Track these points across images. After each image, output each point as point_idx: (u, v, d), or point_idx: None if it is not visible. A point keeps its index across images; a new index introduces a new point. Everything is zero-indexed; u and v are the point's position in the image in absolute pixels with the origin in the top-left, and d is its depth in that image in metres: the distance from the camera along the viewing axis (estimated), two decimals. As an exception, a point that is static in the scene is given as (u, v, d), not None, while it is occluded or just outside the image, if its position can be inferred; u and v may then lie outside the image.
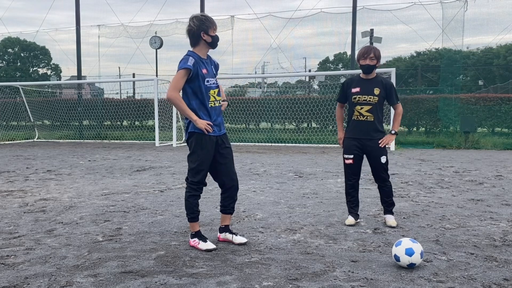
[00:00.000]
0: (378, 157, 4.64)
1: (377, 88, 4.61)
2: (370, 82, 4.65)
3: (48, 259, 3.70)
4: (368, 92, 4.60)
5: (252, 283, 3.18)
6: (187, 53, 3.91)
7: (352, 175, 4.80)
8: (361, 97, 4.62)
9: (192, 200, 3.97)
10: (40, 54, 46.12)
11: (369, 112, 4.61)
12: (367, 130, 4.63)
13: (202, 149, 3.90)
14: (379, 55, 4.64)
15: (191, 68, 3.78)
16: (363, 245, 4.04)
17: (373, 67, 4.60)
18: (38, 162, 10.70)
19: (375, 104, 4.60)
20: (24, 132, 20.00)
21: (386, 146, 4.66)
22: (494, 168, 9.48)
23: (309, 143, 16.15)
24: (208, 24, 3.85)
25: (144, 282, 3.17)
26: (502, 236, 4.32)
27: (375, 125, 4.63)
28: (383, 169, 4.68)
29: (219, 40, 3.95)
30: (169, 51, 25.13)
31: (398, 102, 4.72)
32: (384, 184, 4.74)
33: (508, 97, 16.18)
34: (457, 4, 16.41)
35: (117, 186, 7.23)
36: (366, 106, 4.60)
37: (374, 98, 4.59)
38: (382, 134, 4.68)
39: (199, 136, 3.88)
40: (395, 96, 4.68)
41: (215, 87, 3.95)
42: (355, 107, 4.66)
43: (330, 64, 45.16)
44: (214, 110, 3.94)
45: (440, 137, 15.96)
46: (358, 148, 4.69)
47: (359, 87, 4.65)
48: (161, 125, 16.90)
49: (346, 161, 4.79)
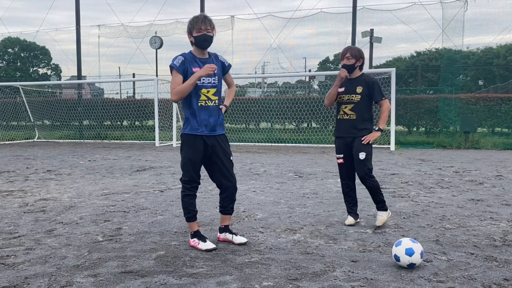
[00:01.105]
0: (357, 153, 4.63)
1: (360, 87, 4.67)
2: (354, 81, 4.73)
3: (48, 259, 3.69)
4: (351, 91, 4.69)
5: (252, 283, 3.18)
6: (181, 53, 3.95)
7: (345, 174, 4.82)
8: (345, 96, 4.71)
9: (187, 199, 3.98)
10: (40, 54, 46.13)
11: (352, 110, 4.68)
12: (349, 128, 4.70)
13: (189, 147, 3.93)
14: (358, 54, 4.67)
15: (175, 67, 3.82)
16: (363, 245, 4.04)
17: (350, 66, 4.66)
18: (38, 162, 10.70)
19: (358, 102, 4.66)
20: (24, 132, 20.00)
21: (369, 143, 4.64)
22: (494, 168, 9.48)
23: (309, 143, 16.15)
24: (190, 26, 3.88)
25: (144, 282, 3.17)
26: (502, 236, 4.33)
27: (357, 123, 4.67)
28: (361, 166, 4.63)
29: (205, 39, 3.86)
30: (169, 51, 25.13)
31: (383, 98, 4.71)
32: (364, 181, 4.67)
33: (508, 97, 16.18)
34: (457, 4, 16.41)
35: (117, 186, 7.23)
36: (349, 104, 4.69)
37: (357, 97, 4.66)
38: (367, 131, 4.68)
39: (187, 135, 3.94)
40: (378, 93, 4.69)
41: (210, 86, 3.91)
42: (341, 106, 4.77)
43: (330, 64, 45.16)
44: (205, 110, 3.91)
45: (440, 137, 15.96)
46: (345, 147, 4.74)
47: (344, 87, 4.74)
48: (161, 125, 16.91)
49: (338, 160, 4.86)
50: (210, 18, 3.92)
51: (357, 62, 4.68)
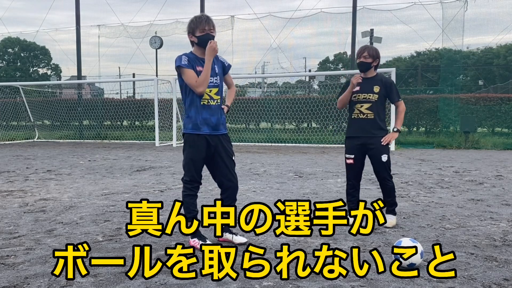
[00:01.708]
0: (379, 156, 4.61)
1: (377, 86, 4.64)
2: (370, 80, 4.68)
3: (48, 259, 3.69)
4: (368, 90, 4.63)
5: (252, 283, 3.18)
6: (183, 53, 3.95)
7: (353, 175, 4.79)
8: (361, 95, 4.65)
9: (188, 199, 3.98)
10: (40, 54, 46.14)
11: (369, 109, 4.62)
12: (368, 128, 4.63)
13: (190, 147, 3.92)
14: (375, 54, 4.66)
15: (184, 66, 3.81)
16: (363, 245, 4.04)
17: (367, 64, 4.64)
18: (38, 162, 10.70)
19: (375, 101, 4.62)
20: (24, 132, 20.01)
21: (388, 144, 4.64)
22: (494, 168, 9.48)
23: (309, 143, 16.15)
24: (193, 25, 3.87)
25: (144, 282, 3.17)
26: (502, 236, 4.32)
27: (376, 122, 4.62)
28: (384, 168, 4.65)
29: (208, 38, 3.86)
30: (169, 51, 25.14)
31: (399, 99, 4.73)
32: (384, 183, 4.71)
33: (508, 97, 16.18)
34: (457, 4, 16.42)
35: (117, 186, 7.23)
36: (366, 104, 4.63)
37: (374, 96, 4.62)
38: (385, 132, 4.67)
39: (189, 135, 3.93)
40: (395, 94, 4.70)
41: (212, 85, 3.92)
42: (355, 105, 4.68)
43: (330, 64, 45.17)
44: (208, 109, 3.92)
45: (440, 137, 15.96)
46: (359, 148, 4.68)
47: (359, 86, 4.68)
48: (161, 125, 16.91)
49: (347, 160, 4.79)
50: (211, 18, 3.93)
51: (373, 61, 4.65)
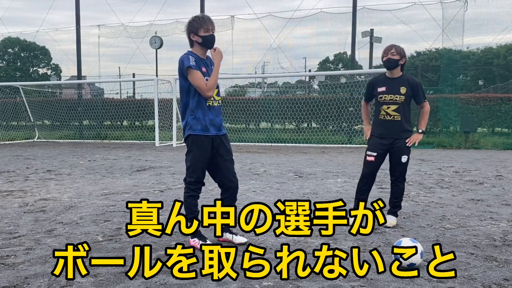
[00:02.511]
0: (400, 156, 4.63)
1: (404, 87, 4.58)
2: (396, 81, 4.61)
3: (48, 259, 3.69)
4: (395, 91, 4.57)
5: (252, 283, 3.18)
6: (186, 53, 3.92)
7: (369, 172, 4.75)
8: (387, 96, 4.59)
9: (190, 200, 3.97)
10: (40, 54, 46.11)
11: (396, 111, 4.58)
12: (395, 130, 4.61)
13: (197, 148, 3.90)
14: (403, 52, 4.59)
15: (193, 67, 3.79)
16: (363, 245, 4.04)
17: (395, 61, 4.55)
18: (38, 162, 10.70)
19: (401, 103, 4.57)
20: (24, 132, 20.00)
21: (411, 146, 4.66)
22: (494, 168, 9.48)
23: (309, 143, 16.15)
24: (197, 25, 3.83)
25: (144, 282, 3.17)
26: (502, 236, 4.33)
27: (402, 124, 4.61)
28: (402, 168, 4.67)
29: (213, 39, 3.88)
30: (169, 51, 25.14)
31: (425, 100, 4.69)
32: (396, 184, 4.73)
33: (508, 97, 16.18)
34: (457, 4, 16.41)
35: (117, 186, 7.23)
36: (392, 105, 4.58)
37: (401, 97, 4.56)
38: (410, 133, 4.68)
39: (198, 136, 3.89)
40: (422, 95, 4.65)
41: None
42: (382, 106, 4.63)
43: (330, 64, 45.16)
44: (213, 110, 3.94)
45: (440, 137, 15.95)
46: (384, 148, 4.67)
47: (385, 86, 4.62)
48: (161, 125, 16.91)
49: (368, 157, 4.73)
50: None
51: (401, 59, 4.58)
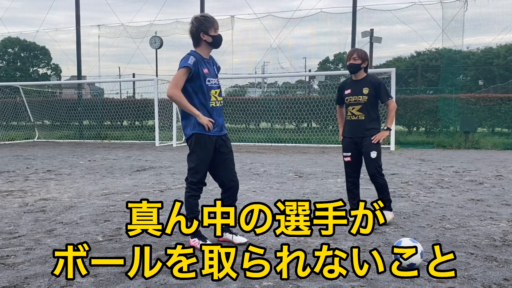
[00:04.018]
0: (368, 152, 4.79)
1: (366, 88, 4.82)
2: (360, 82, 4.87)
3: (48, 259, 3.69)
4: (358, 93, 4.83)
5: (252, 283, 3.18)
6: (189, 52, 3.91)
7: (351, 172, 5.00)
8: (352, 98, 4.86)
9: (191, 200, 3.97)
10: (40, 54, 46.10)
11: (360, 111, 4.83)
12: (360, 129, 4.84)
13: (201, 148, 3.89)
14: (364, 56, 4.86)
15: (191, 66, 3.77)
16: (363, 245, 4.04)
17: (357, 66, 4.80)
18: (38, 162, 10.70)
19: (364, 103, 4.81)
20: (24, 132, 20.01)
21: (379, 142, 4.79)
22: (494, 168, 9.48)
23: (309, 143, 16.16)
24: (207, 24, 3.83)
25: (144, 282, 3.17)
26: (502, 236, 4.33)
27: (367, 123, 4.82)
28: (373, 164, 4.79)
29: (221, 39, 3.93)
30: (169, 51, 25.14)
31: (389, 98, 4.89)
32: (375, 180, 4.84)
33: (508, 97, 16.17)
34: (457, 4, 16.42)
35: (117, 186, 7.23)
36: (357, 106, 4.83)
37: (364, 98, 4.80)
38: (375, 130, 4.85)
39: (199, 136, 3.87)
40: (384, 93, 4.86)
41: (216, 87, 3.95)
42: (348, 107, 4.92)
43: (330, 64, 45.17)
44: (216, 110, 3.94)
45: (440, 137, 15.95)
46: (355, 146, 4.90)
47: (350, 88, 4.90)
48: (161, 125, 16.91)
49: (345, 158, 5.02)
50: None
51: (363, 63, 4.83)
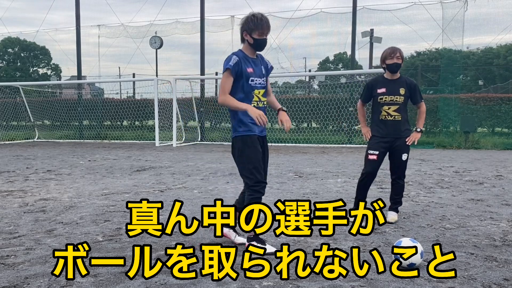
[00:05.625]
0: (401, 154, 4.82)
1: (403, 88, 4.78)
2: (395, 82, 4.81)
3: (48, 259, 3.69)
4: (394, 93, 4.76)
5: (252, 283, 3.18)
6: (233, 52, 3.86)
7: (371, 170, 4.87)
8: (388, 98, 4.77)
9: (257, 201, 3.79)
10: (40, 54, 46.14)
11: (397, 111, 4.78)
12: (396, 129, 4.80)
13: (249, 147, 3.81)
14: (403, 55, 4.82)
15: (231, 68, 3.73)
16: (363, 245, 4.04)
17: (399, 65, 4.75)
18: (38, 162, 10.70)
19: (401, 103, 4.77)
20: (24, 132, 20.00)
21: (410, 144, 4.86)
22: (494, 168, 9.48)
23: (309, 143, 16.16)
24: (253, 25, 3.74)
25: (144, 282, 3.17)
26: (502, 236, 4.33)
27: (402, 124, 4.81)
28: (402, 166, 4.87)
29: (265, 43, 3.82)
30: (169, 51, 25.18)
31: (421, 101, 4.91)
32: (397, 182, 4.92)
33: (508, 97, 16.17)
34: (457, 4, 16.41)
35: (117, 186, 7.23)
36: (393, 106, 4.77)
37: (401, 98, 4.76)
38: (409, 132, 4.88)
39: (244, 137, 3.82)
40: (419, 95, 4.88)
41: (261, 87, 3.87)
42: (382, 107, 4.80)
43: (330, 64, 45.18)
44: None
45: (440, 137, 15.95)
46: (385, 146, 4.83)
47: (384, 87, 4.80)
48: (161, 125, 16.91)
49: (370, 156, 4.86)
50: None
51: (402, 62, 4.80)
